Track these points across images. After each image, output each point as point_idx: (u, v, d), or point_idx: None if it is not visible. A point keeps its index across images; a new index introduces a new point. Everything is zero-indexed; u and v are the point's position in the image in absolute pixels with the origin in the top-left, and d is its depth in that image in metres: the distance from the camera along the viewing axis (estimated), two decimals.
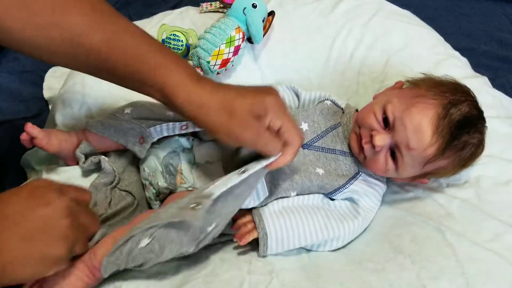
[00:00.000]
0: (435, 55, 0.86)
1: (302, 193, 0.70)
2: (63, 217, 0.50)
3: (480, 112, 0.67)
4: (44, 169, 0.75)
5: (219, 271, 0.64)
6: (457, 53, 0.89)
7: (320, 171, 0.69)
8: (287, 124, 0.58)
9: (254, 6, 0.82)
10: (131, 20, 0.99)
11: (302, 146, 0.71)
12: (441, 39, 0.91)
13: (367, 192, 0.71)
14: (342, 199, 0.72)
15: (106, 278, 0.58)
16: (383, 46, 0.87)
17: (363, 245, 0.70)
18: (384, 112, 0.66)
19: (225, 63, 0.81)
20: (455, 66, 0.84)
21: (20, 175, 0.84)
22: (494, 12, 1.19)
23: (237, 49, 0.82)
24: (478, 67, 0.91)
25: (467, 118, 0.64)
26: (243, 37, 0.83)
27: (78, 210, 0.53)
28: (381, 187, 0.73)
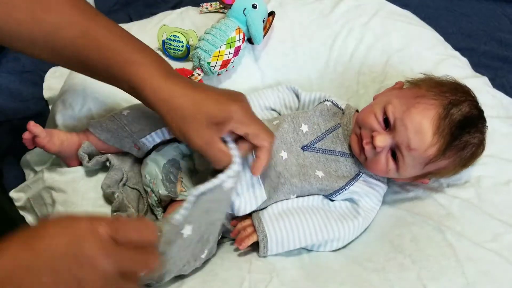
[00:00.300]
0: (435, 55, 0.86)
1: (302, 195, 0.70)
2: None
3: (481, 112, 0.67)
4: (45, 170, 0.75)
5: (219, 270, 0.64)
6: (457, 53, 0.89)
7: (320, 174, 0.69)
8: (253, 128, 0.58)
9: (254, 7, 0.82)
10: (131, 21, 1.00)
11: (302, 148, 0.72)
12: (441, 39, 0.91)
13: (368, 193, 0.71)
14: (342, 200, 0.72)
15: None
16: (383, 46, 0.87)
17: (363, 245, 0.70)
18: (385, 113, 0.66)
19: (226, 64, 0.81)
20: (455, 66, 0.84)
21: (20, 175, 0.84)
22: (494, 12, 1.18)
23: (238, 50, 0.82)
24: (478, 67, 0.91)
25: (468, 118, 0.64)
26: (244, 38, 0.83)
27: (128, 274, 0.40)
28: (382, 188, 0.73)
